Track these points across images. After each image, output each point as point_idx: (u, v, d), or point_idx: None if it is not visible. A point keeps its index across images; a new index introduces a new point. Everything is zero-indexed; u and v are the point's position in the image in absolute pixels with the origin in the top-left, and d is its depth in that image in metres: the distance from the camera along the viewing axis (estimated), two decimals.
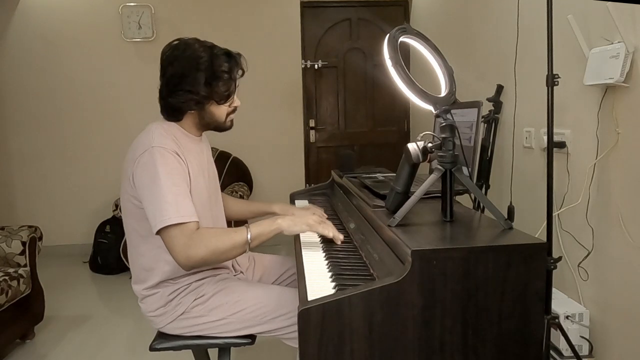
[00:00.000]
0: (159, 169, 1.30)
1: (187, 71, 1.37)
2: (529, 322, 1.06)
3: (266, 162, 4.25)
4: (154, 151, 1.32)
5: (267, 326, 1.45)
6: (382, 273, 1.15)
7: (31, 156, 4.11)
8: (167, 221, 1.27)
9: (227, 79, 1.42)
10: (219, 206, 1.62)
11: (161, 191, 1.28)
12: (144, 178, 1.32)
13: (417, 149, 1.21)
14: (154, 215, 1.29)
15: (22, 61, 4.02)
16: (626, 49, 1.61)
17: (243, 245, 1.34)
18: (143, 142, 1.37)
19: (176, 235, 1.28)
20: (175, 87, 1.39)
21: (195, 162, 1.45)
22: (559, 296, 2.01)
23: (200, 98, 1.40)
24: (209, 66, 1.38)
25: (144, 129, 1.44)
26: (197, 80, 1.37)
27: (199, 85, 1.38)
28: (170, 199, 1.28)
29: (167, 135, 1.38)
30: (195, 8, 4.09)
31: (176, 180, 1.32)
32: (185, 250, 1.27)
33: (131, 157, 1.37)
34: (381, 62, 1.30)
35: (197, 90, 1.38)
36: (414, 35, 1.32)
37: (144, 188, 1.32)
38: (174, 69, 1.39)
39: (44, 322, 2.65)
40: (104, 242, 3.75)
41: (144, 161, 1.32)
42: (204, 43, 1.43)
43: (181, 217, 1.28)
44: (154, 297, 1.46)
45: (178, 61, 1.39)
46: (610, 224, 1.78)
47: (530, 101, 2.24)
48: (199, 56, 1.38)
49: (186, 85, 1.38)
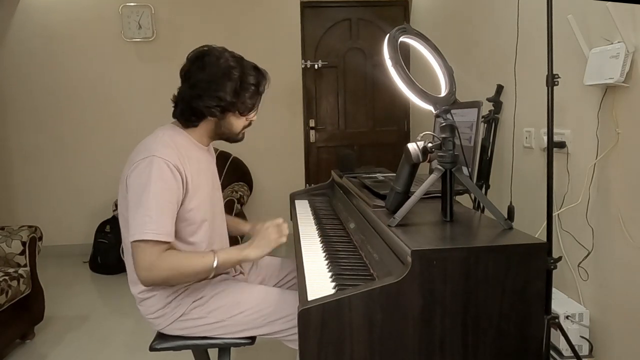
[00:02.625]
0: (152, 181, 1.30)
1: (218, 78, 1.39)
2: (529, 322, 1.06)
3: (266, 162, 4.25)
4: (153, 161, 1.32)
5: (267, 329, 1.45)
6: (382, 273, 1.15)
7: (31, 156, 4.11)
8: (142, 235, 1.28)
9: (254, 92, 1.45)
10: (222, 217, 1.62)
11: (147, 203, 1.29)
12: (135, 184, 1.32)
13: (417, 149, 1.21)
14: (134, 224, 1.30)
15: (23, 61, 4.02)
16: (626, 49, 1.61)
17: (207, 271, 1.36)
18: (146, 147, 1.37)
19: (145, 251, 1.29)
20: (203, 91, 1.39)
21: (199, 172, 1.45)
22: (559, 296, 2.01)
23: (226, 105, 1.41)
24: (239, 77, 1.41)
25: (152, 133, 1.44)
26: (225, 88, 1.39)
27: (227, 93, 1.39)
28: (154, 214, 1.29)
29: (172, 145, 1.39)
30: (195, 8, 4.09)
31: (165, 196, 1.32)
32: (149, 269, 1.29)
33: (131, 160, 1.37)
34: (381, 62, 1.30)
35: (224, 98, 1.40)
36: (414, 35, 1.32)
37: (133, 193, 1.32)
38: (203, 75, 1.40)
39: (44, 322, 2.65)
40: (104, 242, 3.75)
41: (141, 168, 1.32)
42: (233, 53, 1.45)
43: (158, 235, 1.28)
44: (152, 300, 1.46)
45: (209, 68, 1.40)
46: (610, 224, 1.78)
47: (530, 101, 2.24)
48: (231, 66, 1.41)
49: (214, 92, 1.39)
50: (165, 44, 4.08)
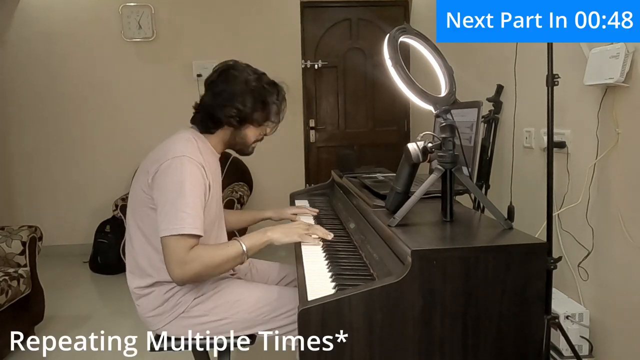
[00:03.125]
0: (186, 179, 1.35)
1: (239, 90, 1.47)
2: (529, 322, 1.06)
3: (266, 162, 4.25)
4: (184, 160, 1.37)
5: (268, 325, 1.46)
6: (382, 273, 1.15)
7: (31, 156, 4.10)
8: (181, 229, 1.31)
9: (272, 106, 1.54)
10: (222, 221, 1.65)
11: (184, 200, 1.33)
12: (169, 182, 1.35)
13: (417, 149, 1.21)
14: (169, 220, 1.32)
15: (23, 61, 4.01)
16: (626, 49, 1.61)
17: (237, 257, 1.39)
18: (175, 148, 1.41)
19: (177, 247, 1.31)
20: (225, 101, 1.47)
21: (213, 176, 1.49)
22: (559, 296, 2.01)
23: (244, 116, 1.48)
24: (258, 91, 1.50)
25: (176, 134, 1.49)
26: (245, 100, 1.47)
27: (246, 105, 1.47)
28: (190, 210, 1.33)
29: (196, 147, 1.45)
30: (195, 8, 4.09)
31: (198, 194, 1.37)
32: (181, 265, 1.31)
33: (159, 157, 1.40)
34: (381, 62, 1.30)
35: (243, 109, 1.47)
36: (414, 35, 1.32)
37: (167, 191, 1.35)
38: (226, 86, 1.48)
39: (44, 322, 2.64)
40: (104, 242, 3.75)
41: (174, 167, 1.36)
42: (255, 70, 1.54)
43: (195, 229, 1.32)
44: (150, 297, 1.46)
45: (233, 80, 1.48)
46: (610, 224, 1.78)
47: (530, 101, 2.24)
48: (252, 80, 1.49)
49: (234, 102, 1.47)
50: (165, 44, 4.08)
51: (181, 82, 4.01)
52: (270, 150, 4.24)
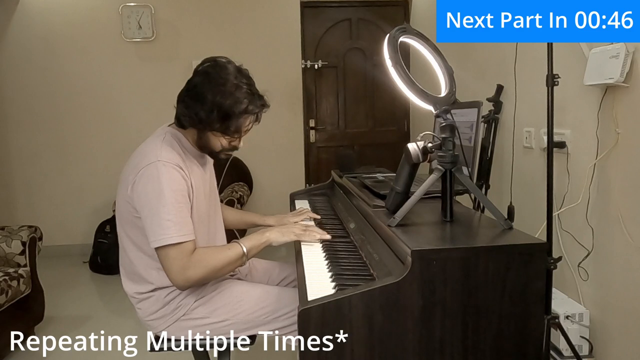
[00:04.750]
0: (164, 185, 1.30)
1: (207, 91, 1.34)
2: (529, 322, 1.06)
3: (266, 162, 4.25)
4: (159, 166, 1.32)
5: (270, 326, 1.46)
6: (382, 273, 1.15)
7: (31, 156, 4.10)
8: (167, 240, 1.29)
9: (238, 117, 1.37)
10: (218, 219, 1.62)
11: (165, 208, 1.29)
12: (147, 192, 1.32)
13: (417, 149, 1.21)
14: (154, 231, 1.30)
15: (22, 61, 4.01)
16: (626, 49, 1.61)
17: (238, 259, 1.39)
18: (148, 153, 1.35)
19: (175, 256, 1.30)
20: (190, 98, 1.36)
21: (196, 176, 1.45)
22: (559, 296, 2.01)
23: (198, 121, 1.36)
24: (228, 96, 1.34)
25: (152, 136, 1.44)
26: (205, 104, 1.34)
27: (203, 110, 1.34)
28: (173, 217, 1.30)
29: (175, 146, 1.40)
30: (195, 8, 4.09)
31: (179, 198, 1.33)
32: (183, 272, 1.31)
33: (135, 165, 1.36)
34: (381, 62, 1.30)
35: (198, 113, 1.35)
36: (414, 35, 1.32)
37: (147, 201, 1.32)
38: (195, 83, 1.37)
39: (44, 322, 2.64)
40: (104, 242, 3.75)
41: (149, 174, 1.32)
42: (237, 73, 1.38)
43: (182, 237, 1.30)
44: (150, 301, 1.46)
45: (208, 83, 1.35)
46: (610, 224, 1.78)
47: (530, 101, 2.24)
48: (225, 83, 1.34)
49: (198, 103, 1.35)
50: (165, 44, 4.08)
51: (181, 82, 3.91)
52: (270, 150, 4.26)
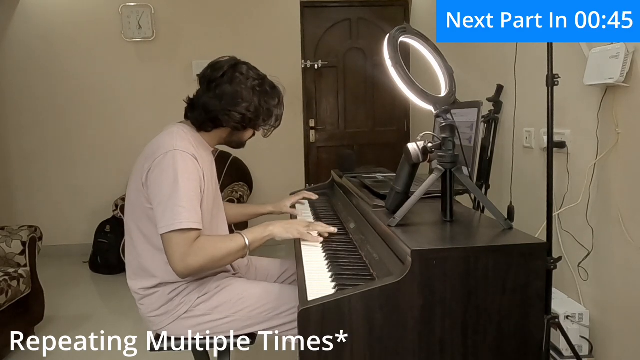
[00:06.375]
0: (179, 173, 1.34)
1: (245, 96, 1.45)
2: (529, 322, 1.06)
3: (266, 162, 4.25)
4: (176, 154, 1.36)
5: (269, 323, 1.46)
6: (382, 273, 1.15)
7: (31, 156, 4.10)
8: (176, 225, 1.30)
9: (274, 110, 1.53)
10: (221, 214, 1.64)
11: (179, 194, 1.32)
12: (163, 179, 1.34)
13: (417, 149, 1.21)
14: (166, 216, 1.31)
15: (22, 61, 4.01)
16: (626, 49, 1.61)
17: (239, 250, 1.40)
18: (165, 143, 1.39)
19: (178, 242, 1.31)
20: (230, 105, 1.44)
21: (207, 170, 1.49)
22: (559, 296, 2.01)
23: (248, 121, 1.47)
24: (264, 97, 1.49)
25: (165, 130, 1.47)
26: (251, 105, 1.45)
27: (251, 111, 1.46)
28: (185, 204, 1.32)
29: (188, 140, 1.43)
30: (195, 8, 4.09)
31: (192, 186, 1.36)
32: (184, 258, 1.31)
33: (149, 155, 1.39)
34: (381, 62, 1.30)
35: (247, 115, 1.45)
36: (414, 35, 1.32)
37: (160, 188, 1.34)
38: (231, 88, 1.44)
39: (44, 322, 2.64)
40: (104, 242, 3.75)
41: (166, 163, 1.35)
42: (257, 71, 1.51)
43: (192, 223, 1.32)
44: (154, 297, 1.46)
45: (239, 84, 1.45)
46: (610, 224, 1.78)
47: (530, 101, 2.24)
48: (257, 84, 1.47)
49: (240, 107, 1.44)
50: (165, 44, 4.08)
51: (181, 82, 4.01)
52: (270, 150, 4.26)
